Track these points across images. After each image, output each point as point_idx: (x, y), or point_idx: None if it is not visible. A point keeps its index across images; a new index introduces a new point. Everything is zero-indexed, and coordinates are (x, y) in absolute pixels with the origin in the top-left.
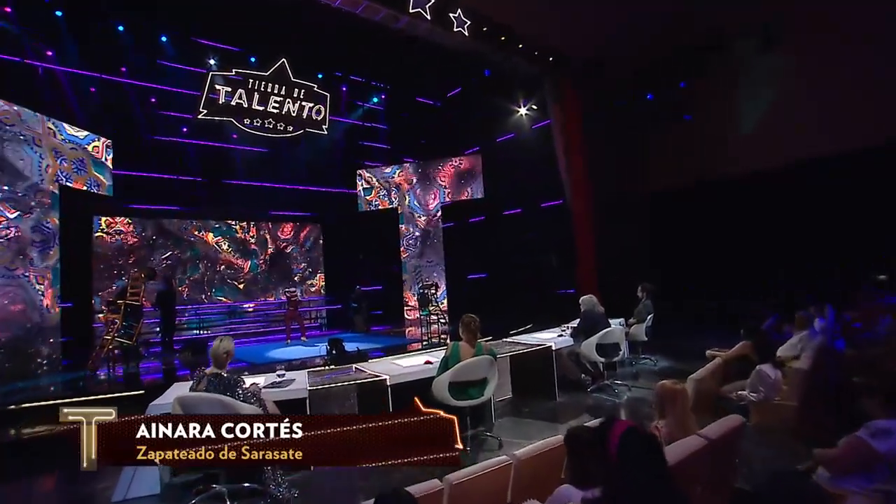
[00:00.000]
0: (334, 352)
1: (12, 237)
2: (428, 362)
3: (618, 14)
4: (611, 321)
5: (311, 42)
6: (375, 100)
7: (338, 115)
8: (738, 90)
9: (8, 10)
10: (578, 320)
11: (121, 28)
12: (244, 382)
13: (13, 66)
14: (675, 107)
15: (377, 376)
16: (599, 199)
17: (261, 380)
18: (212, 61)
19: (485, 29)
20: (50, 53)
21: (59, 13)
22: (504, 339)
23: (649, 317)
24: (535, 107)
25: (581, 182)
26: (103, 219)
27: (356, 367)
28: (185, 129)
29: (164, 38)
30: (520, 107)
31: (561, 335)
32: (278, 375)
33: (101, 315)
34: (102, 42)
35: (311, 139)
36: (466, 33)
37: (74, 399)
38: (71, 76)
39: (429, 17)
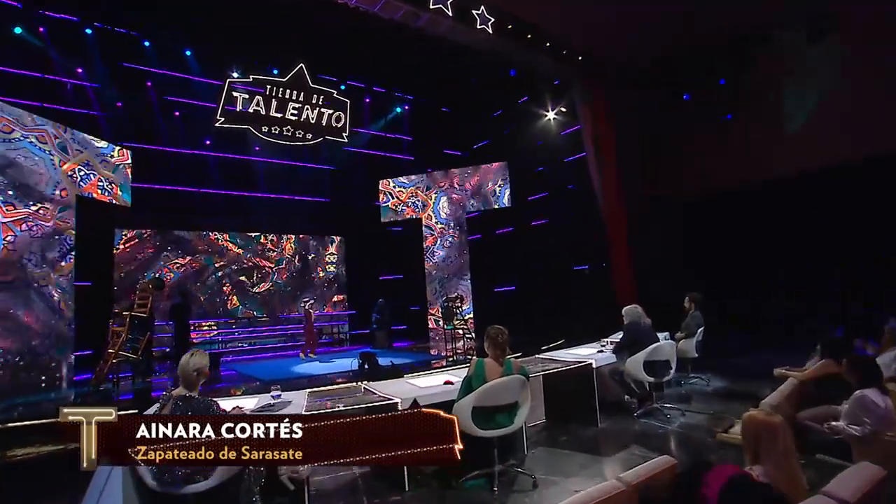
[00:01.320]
0: (367, 366)
1: (25, 244)
2: (448, 382)
3: (649, 11)
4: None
5: (333, 52)
6: (398, 110)
7: (360, 126)
8: (783, 86)
9: (42, 29)
10: (621, 334)
11: (147, 43)
12: (217, 406)
13: (44, 82)
14: (715, 106)
15: (387, 399)
16: (634, 206)
17: (252, 402)
18: (235, 74)
19: (509, 27)
20: (80, 70)
21: (88, 31)
22: (536, 356)
23: (699, 330)
24: (563, 109)
25: (614, 188)
26: (125, 231)
27: (364, 388)
28: (208, 142)
29: (188, 52)
30: (548, 111)
31: (601, 351)
32: (272, 397)
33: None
34: (129, 58)
35: (332, 150)
36: (490, 31)
37: (49, 420)
38: (98, 91)
39: (450, 14)
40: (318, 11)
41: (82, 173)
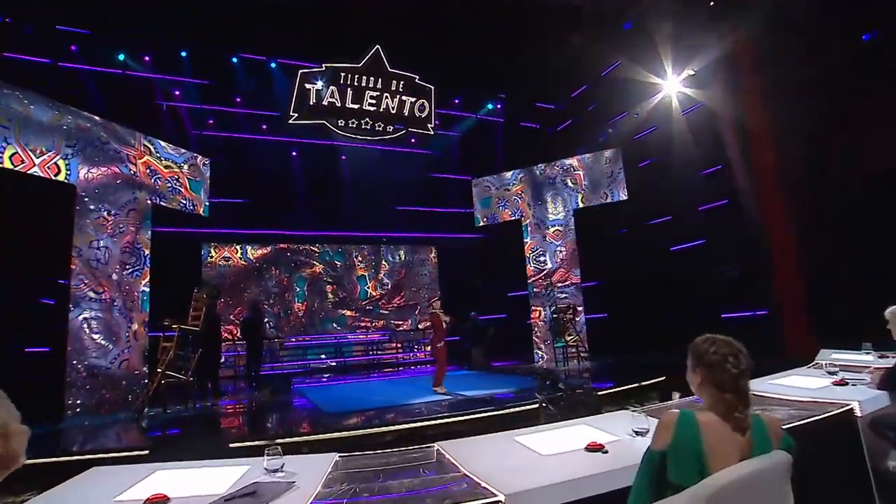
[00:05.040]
0: (548, 382)
1: (101, 257)
2: (595, 447)
3: None
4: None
5: (417, 49)
6: (490, 106)
7: (450, 127)
8: None
9: (147, 58)
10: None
11: (234, 60)
12: None
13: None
14: None
15: (485, 491)
16: (798, 189)
17: (231, 474)
18: (319, 83)
19: None
20: (177, 93)
21: (183, 53)
22: None
23: None
24: (692, 72)
25: (768, 169)
26: (212, 244)
27: (438, 451)
28: (293, 153)
29: (273, 65)
30: (666, 77)
31: (842, 383)
32: (266, 468)
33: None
34: (218, 75)
35: (421, 157)
36: None
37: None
38: (191, 110)
39: None
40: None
41: (160, 182)
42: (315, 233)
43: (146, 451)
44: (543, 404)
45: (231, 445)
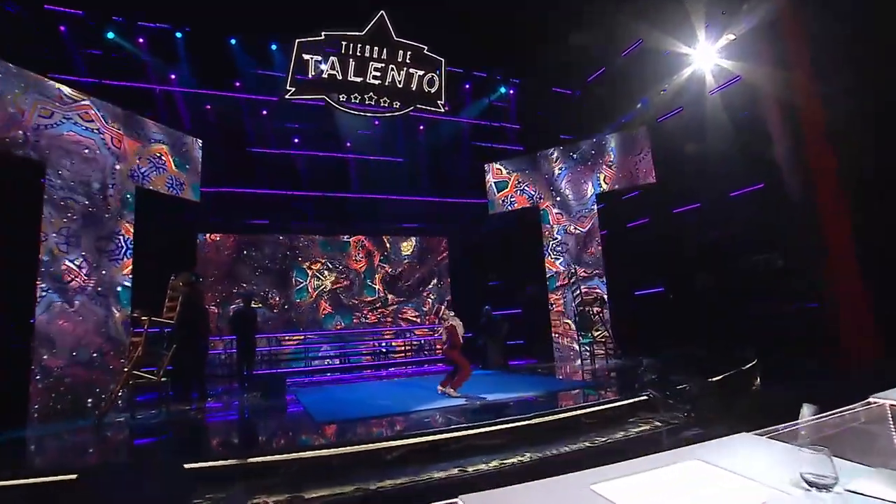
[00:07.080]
0: (654, 377)
1: (74, 244)
2: None
3: None
4: None
5: (427, 33)
6: (503, 90)
7: (461, 114)
8: None
9: (141, 40)
10: None
11: (233, 41)
12: None
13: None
14: None
15: None
16: (854, 168)
17: None
18: (323, 66)
19: None
20: (173, 77)
21: (178, 35)
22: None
23: None
24: (732, 37)
25: (819, 142)
26: (207, 234)
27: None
28: (296, 140)
29: (273, 47)
30: (694, 47)
31: None
32: None
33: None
34: (217, 59)
35: (429, 145)
36: None
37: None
38: (187, 95)
39: None
40: None
41: (145, 167)
42: (318, 224)
43: (74, 476)
44: (668, 399)
45: (186, 467)
